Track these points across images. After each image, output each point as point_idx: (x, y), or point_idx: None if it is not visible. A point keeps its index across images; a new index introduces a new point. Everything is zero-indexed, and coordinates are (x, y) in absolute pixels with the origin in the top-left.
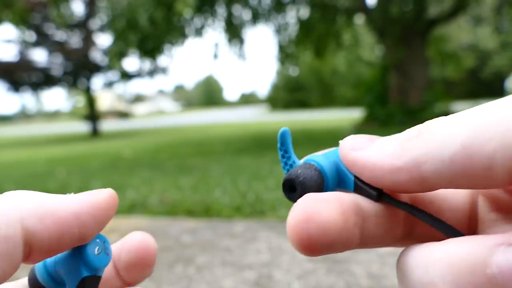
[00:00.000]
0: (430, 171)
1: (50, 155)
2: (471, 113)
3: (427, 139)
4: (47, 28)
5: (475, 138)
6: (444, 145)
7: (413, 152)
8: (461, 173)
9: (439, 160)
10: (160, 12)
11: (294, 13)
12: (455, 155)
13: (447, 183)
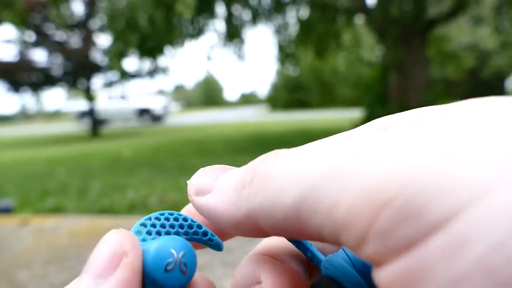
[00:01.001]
0: (267, 227)
1: (50, 155)
2: (309, 160)
3: (259, 189)
4: (47, 28)
5: (303, 203)
6: (275, 202)
7: (248, 204)
8: (297, 233)
9: (272, 218)
10: (159, 12)
11: (294, 13)
12: (286, 218)
13: (290, 235)
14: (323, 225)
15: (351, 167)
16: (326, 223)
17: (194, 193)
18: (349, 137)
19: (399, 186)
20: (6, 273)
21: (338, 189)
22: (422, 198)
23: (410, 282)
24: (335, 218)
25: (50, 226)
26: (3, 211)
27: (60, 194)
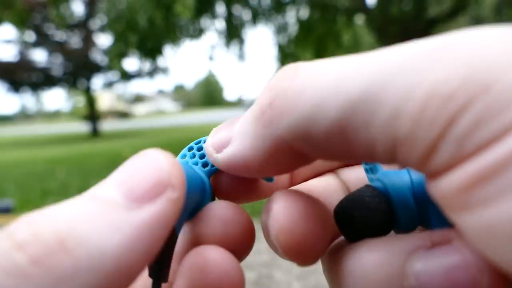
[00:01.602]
0: (305, 148)
1: (50, 155)
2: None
3: (285, 108)
4: (47, 28)
5: (351, 116)
6: (311, 119)
7: (273, 130)
8: (341, 152)
9: (309, 139)
10: (159, 13)
11: (294, 13)
12: (328, 135)
13: (332, 155)
14: (376, 140)
15: (417, 67)
16: (380, 137)
17: (214, 152)
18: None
19: (492, 77)
20: None
21: (399, 96)
22: None
23: (479, 184)
24: (395, 131)
25: None
26: (3, 211)
27: (60, 194)
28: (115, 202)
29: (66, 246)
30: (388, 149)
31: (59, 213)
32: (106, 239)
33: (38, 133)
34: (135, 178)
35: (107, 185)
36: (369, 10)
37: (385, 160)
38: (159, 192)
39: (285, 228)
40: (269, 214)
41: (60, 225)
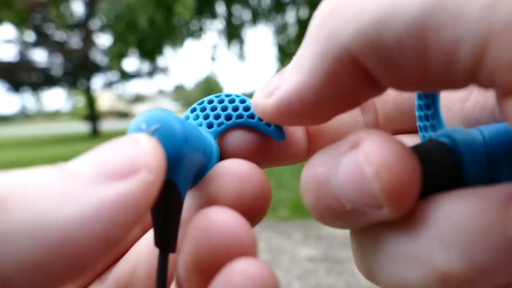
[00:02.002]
0: (373, 61)
1: (50, 155)
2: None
3: (349, 14)
4: (47, 28)
5: (432, 8)
6: (382, 22)
7: (336, 41)
8: (417, 59)
9: (380, 45)
10: (159, 13)
11: (294, 13)
12: (402, 38)
13: (404, 67)
14: (463, 37)
15: None
16: (469, 33)
17: (262, 99)
18: None
19: None
20: None
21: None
22: None
23: None
24: (488, 22)
25: None
26: None
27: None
28: (79, 174)
29: (5, 205)
30: (475, 51)
31: (14, 175)
32: (57, 208)
33: (38, 133)
34: (109, 154)
35: (79, 160)
36: None
37: (464, 74)
38: (133, 171)
39: (389, 163)
40: (360, 149)
41: (6, 185)
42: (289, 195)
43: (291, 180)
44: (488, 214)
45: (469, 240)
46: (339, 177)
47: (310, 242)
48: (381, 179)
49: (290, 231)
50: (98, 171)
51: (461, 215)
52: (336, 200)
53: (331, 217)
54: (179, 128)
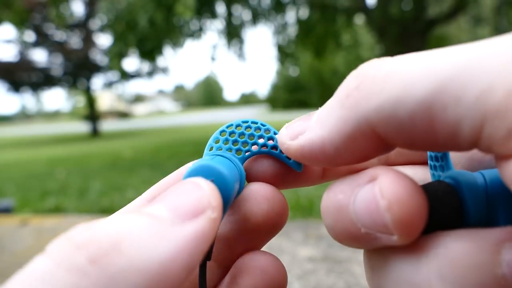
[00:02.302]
0: (387, 131)
1: (50, 155)
2: (430, 56)
3: (372, 91)
4: (47, 28)
5: (439, 94)
6: (398, 99)
7: (358, 111)
8: (425, 132)
9: (395, 119)
10: (160, 13)
11: (294, 13)
12: (414, 115)
13: (414, 138)
14: (463, 117)
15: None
16: (469, 113)
17: (287, 139)
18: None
19: None
20: (6, 273)
21: (494, 72)
22: None
23: None
24: (485, 105)
25: (50, 226)
26: (3, 211)
27: (60, 194)
28: (162, 217)
29: (119, 248)
30: (474, 127)
31: (112, 222)
32: (154, 246)
33: (38, 133)
34: (179, 198)
35: (155, 204)
36: (369, 10)
37: (467, 143)
38: (201, 212)
39: (401, 199)
40: (376, 183)
41: (113, 230)
42: (289, 195)
43: None
44: (481, 255)
45: (463, 276)
46: (356, 205)
47: (310, 242)
48: (393, 211)
49: (290, 231)
50: (175, 214)
51: (458, 253)
52: (352, 224)
53: (347, 238)
54: (230, 179)
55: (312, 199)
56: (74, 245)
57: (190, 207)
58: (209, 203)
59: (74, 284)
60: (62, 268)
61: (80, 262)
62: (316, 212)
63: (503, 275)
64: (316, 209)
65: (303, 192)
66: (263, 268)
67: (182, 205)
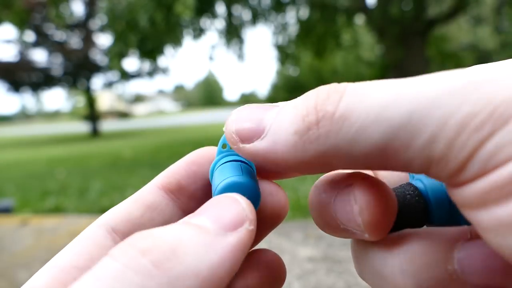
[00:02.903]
0: (343, 165)
1: (50, 155)
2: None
3: (331, 131)
4: (47, 28)
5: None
6: (354, 142)
7: (317, 146)
8: (378, 168)
9: (350, 157)
10: (160, 13)
11: (294, 13)
12: (368, 155)
13: (369, 169)
14: (413, 159)
15: (451, 100)
16: (417, 157)
17: (239, 141)
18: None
19: (510, 112)
20: (6, 273)
21: (436, 124)
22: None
23: (495, 190)
24: (431, 152)
25: (50, 226)
26: (3, 211)
27: (60, 194)
28: (207, 228)
29: (177, 254)
30: (422, 167)
31: (167, 231)
32: (204, 254)
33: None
34: (221, 211)
35: (199, 216)
36: (369, 10)
37: (417, 172)
38: (240, 224)
39: (370, 205)
40: (351, 189)
41: (170, 239)
42: (289, 195)
43: (291, 180)
44: (436, 252)
45: (420, 271)
46: (335, 205)
47: (310, 242)
48: (363, 215)
49: (290, 231)
50: (218, 226)
51: (416, 250)
52: (333, 219)
53: (329, 230)
54: (258, 192)
55: None
56: (139, 250)
57: (231, 220)
58: (246, 216)
59: (142, 284)
60: (130, 270)
61: (146, 265)
62: None
63: (455, 271)
64: None
65: (303, 192)
66: (267, 263)
67: (224, 218)
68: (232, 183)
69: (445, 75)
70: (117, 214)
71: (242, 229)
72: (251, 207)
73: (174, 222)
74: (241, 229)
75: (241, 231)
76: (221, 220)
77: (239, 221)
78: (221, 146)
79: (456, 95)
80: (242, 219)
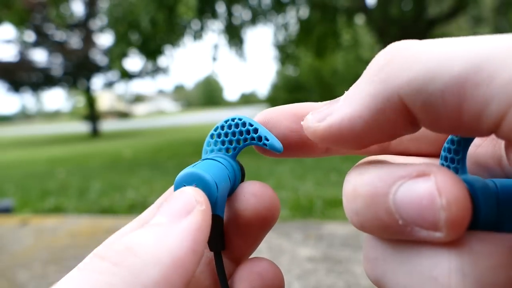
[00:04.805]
0: (417, 106)
1: (50, 155)
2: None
3: (406, 64)
4: (47, 28)
5: (474, 73)
6: (433, 73)
7: (390, 84)
8: (452, 111)
9: (426, 93)
10: (161, 14)
11: (294, 13)
12: (445, 90)
13: (441, 114)
14: (493, 97)
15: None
16: (498, 95)
17: (314, 121)
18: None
19: None
20: (6, 273)
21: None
22: None
23: None
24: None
25: (50, 226)
26: (3, 211)
27: (60, 194)
28: (162, 223)
29: (134, 251)
30: (500, 110)
31: (125, 236)
32: (161, 243)
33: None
34: (171, 205)
35: (154, 217)
36: (369, 10)
37: (488, 126)
38: (191, 208)
39: (459, 199)
40: (431, 180)
41: (126, 240)
42: (289, 195)
43: (291, 180)
44: (501, 257)
45: (483, 275)
46: (399, 197)
47: (310, 242)
48: (451, 211)
49: (290, 231)
50: (171, 217)
51: (481, 252)
52: (388, 214)
53: (375, 226)
54: (211, 181)
55: (312, 199)
56: (99, 256)
57: (181, 208)
58: (195, 200)
59: (107, 280)
60: (95, 272)
61: (107, 266)
62: (316, 212)
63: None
64: (316, 209)
65: (303, 192)
66: (260, 273)
67: (174, 209)
68: (180, 177)
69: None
70: None
71: (194, 211)
72: (198, 191)
73: None
74: (193, 212)
75: (194, 214)
76: (172, 212)
77: (189, 206)
78: (204, 153)
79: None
80: (191, 204)
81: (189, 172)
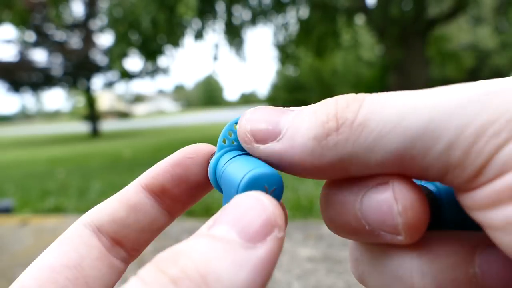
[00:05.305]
0: (359, 172)
1: (50, 155)
2: (396, 97)
3: (350, 137)
4: (47, 28)
5: (409, 149)
6: (372, 149)
7: (335, 153)
8: (395, 173)
9: (367, 163)
10: (162, 14)
11: (294, 13)
12: (385, 162)
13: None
14: (430, 166)
15: (470, 109)
16: (435, 164)
17: (253, 141)
18: (448, 87)
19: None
20: (6, 273)
21: (455, 132)
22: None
23: (506, 191)
24: (448, 159)
25: (50, 226)
26: (3, 211)
27: (60, 194)
28: (233, 241)
29: (207, 282)
30: (439, 174)
31: (194, 251)
32: (234, 275)
33: (38, 133)
34: (245, 218)
35: (222, 225)
36: (369, 10)
37: (433, 180)
38: (268, 232)
39: (414, 205)
40: (389, 187)
41: (199, 263)
42: (289, 195)
43: (291, 180)
44: (458, 255)
45: (441, 272)
46: (364, 204)
47: (310, 242)
48: (406, 216)
49: (290, 231)
50: (245, 237)
51: (438, 251)
52: (356, 220)
53: (346, 231)
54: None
55: (312, 199)
56: (170, 279)
57: (258, 229)
58: (275, 221)
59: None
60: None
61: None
62: (316, 212)
63: (475, 274)
64: (316, 209)
65: (303, 192)
66: None
67: (249, 227)
68: (259, 175)
69: (462, 86)
70: (102, 214)
71: (271, 237)
72: (279, 209)
73: (160, 223)
74: (270, 238)
75: (270, 241)
76: (247, 230)
77: (268, 229)
78: (221, 140)
79: (473, 104)
80: (270, 226)
81: (273, 176)
